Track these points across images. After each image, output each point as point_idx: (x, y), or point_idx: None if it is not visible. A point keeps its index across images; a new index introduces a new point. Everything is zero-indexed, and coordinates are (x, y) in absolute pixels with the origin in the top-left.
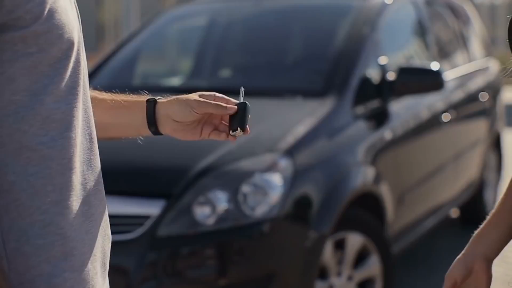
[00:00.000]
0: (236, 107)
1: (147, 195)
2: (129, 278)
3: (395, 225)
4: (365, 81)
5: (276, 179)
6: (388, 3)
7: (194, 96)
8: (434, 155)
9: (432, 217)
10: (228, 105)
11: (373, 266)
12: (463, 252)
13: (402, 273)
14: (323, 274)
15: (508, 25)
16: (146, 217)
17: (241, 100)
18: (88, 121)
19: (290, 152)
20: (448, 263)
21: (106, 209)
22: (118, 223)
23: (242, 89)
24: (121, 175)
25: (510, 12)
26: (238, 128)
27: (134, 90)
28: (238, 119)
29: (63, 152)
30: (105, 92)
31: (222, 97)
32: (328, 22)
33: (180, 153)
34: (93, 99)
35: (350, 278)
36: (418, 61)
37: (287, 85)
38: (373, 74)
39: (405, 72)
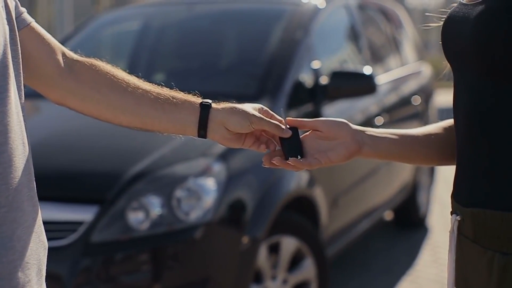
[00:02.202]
0: (291, 131)
1: (80, 200)
2: (62, 284)
3: (329, 228)
4: (298, 85)
5: (210, 184)
6: (321, 7)
7: (248, 108)
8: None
9: (366, 220)
10: (285, 128)
11: (308, 269)
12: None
13: (337, 275)
14: (258, 277)
15: (441, 28)
16: (80, 223)
17: (283, 118)
18: (21, 125)
19: (224, 156)
20: (382, 264)
21: (40, 215)
22: (51, 229)
23: (282, 110)
24: (54, 180)
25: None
26: (298, 156)
27: None
28: (294, 146)
29: None
30: (147, 82)
31: (267, 111)
32: (261, 26)
33: (113, 158)
34: (137, 89)
35: (285, 281)
36: (351, 65)
37: (220, 89)
38: (306, 78)
39: (338, 76)
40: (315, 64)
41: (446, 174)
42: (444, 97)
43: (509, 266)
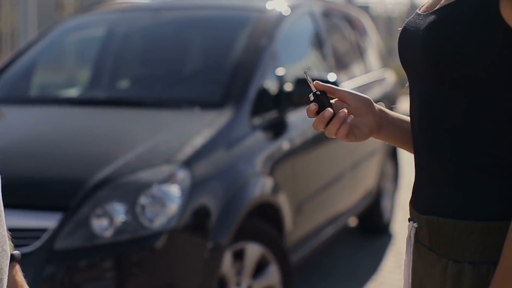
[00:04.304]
0: None
1: (43, 207)
2: None
3: (293, 234)
4: (263, 92)
5: (174, 191)
6: (285, 14)
7: None
8: (332, 165)
9: (330, 226)
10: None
11: (272, 276)
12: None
13: (301, 281)
14: (222, 284)
15: (398, 38)
16: (43, 230)
17: (310, 83)
18: None
19: (188, 163)
20: (346, 270)
21: (4, 223)
22: (14, 236)
23: (306, 72)
24: (17, 187)
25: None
26: (329, 109)
27: (31, 101)
28: (324, 103)
29: None
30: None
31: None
32: (226, 33)
33: (77, 164)
34: None
35: None
36: (315, 72)
37: (185, 96)
38: (271, 85)
39: (302, 83)
40: (280, 71)
41: (410, 180)
42: (408, 104)
43: (462, 274)
